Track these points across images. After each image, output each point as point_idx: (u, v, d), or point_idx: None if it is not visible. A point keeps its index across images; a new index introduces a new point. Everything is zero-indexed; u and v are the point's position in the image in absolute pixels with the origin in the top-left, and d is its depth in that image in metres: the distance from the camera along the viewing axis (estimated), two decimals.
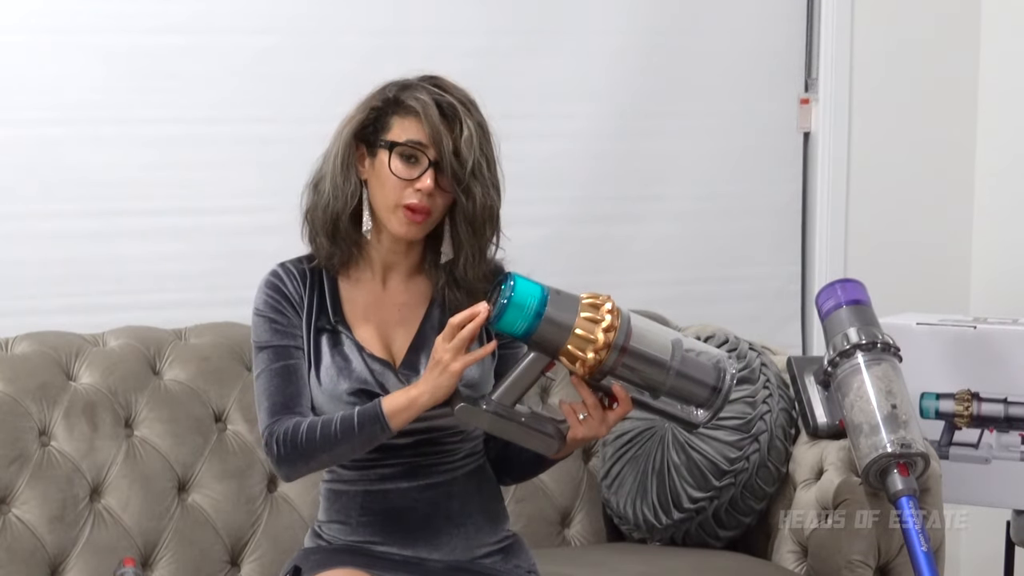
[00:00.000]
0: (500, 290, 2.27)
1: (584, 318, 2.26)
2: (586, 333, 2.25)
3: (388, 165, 2.39)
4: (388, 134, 2.41)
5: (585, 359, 2.26)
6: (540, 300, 2.26)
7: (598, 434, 2.34)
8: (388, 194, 2.40)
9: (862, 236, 4.02)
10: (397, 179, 2.39)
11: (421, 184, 2.38)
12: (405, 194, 2.39)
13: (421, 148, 2.39)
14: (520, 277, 2.28)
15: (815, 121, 3.97)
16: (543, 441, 2.33)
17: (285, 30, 3.43)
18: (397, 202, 2.40)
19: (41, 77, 3.24)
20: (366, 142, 2.44)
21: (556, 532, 3.32)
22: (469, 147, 2.40)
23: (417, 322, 2.49)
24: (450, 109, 2.40)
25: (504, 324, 2.26)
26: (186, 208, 3.37)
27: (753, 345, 3.30)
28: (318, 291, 2.48)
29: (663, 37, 3.78)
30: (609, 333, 2.25)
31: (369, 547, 2.48)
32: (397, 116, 2.41)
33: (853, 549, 3.00)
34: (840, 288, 3.08)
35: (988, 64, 4.10)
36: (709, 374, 2.32)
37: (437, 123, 2.39)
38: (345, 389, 2.42)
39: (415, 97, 2.41)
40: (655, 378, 2.30)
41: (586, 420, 2.33)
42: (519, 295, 2.25)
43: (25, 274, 3.25)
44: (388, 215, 2.41)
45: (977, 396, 3.27)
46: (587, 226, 3.71)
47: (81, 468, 3.01)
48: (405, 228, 2.41)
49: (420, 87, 2.43)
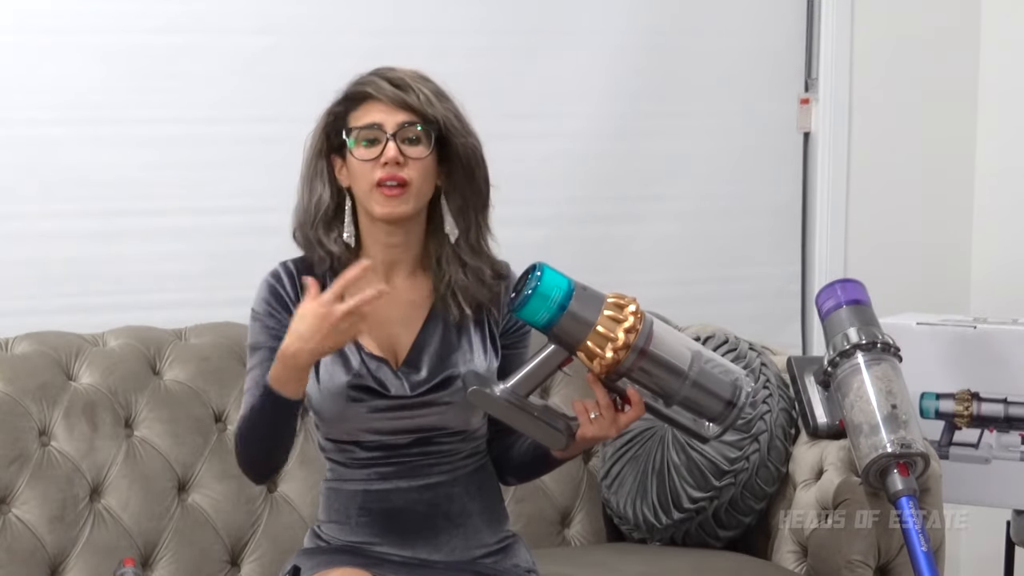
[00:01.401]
0: (527, 279, 2.28)
1: (607, 316, 2.26)
2: (607, 331, 2.25)
3: (355, 153, 2.41)
4: (347, 128, 2.44)
5: (603, 357, 2.26)
6: (565, 293, 2.26)
7: (608, 435, 2.34)
8: (361, 182, 2.42)
9: (862, 236, 4.02)
10: (363, 163, 2.41)
11: (385, 156, 2.39)
12: (374, 174, 2.40)
13: (376, 127, 2.41)
14: (549, 268, 2.29)
15: (815, 121, 3.97)
16: (552, 434, 2.33)
17: (285, 30, 3.43)
18: (370, 184, 2.41)
19: (41, 77, 3.24)
20: (337, 151, 2.46)
21: (556, 532, 3.32)
22: (431, 106, 2.42)
23: (421, 320, 2.49)
24: (400, 81, 2.43)
25: (527, 313, 2.27)
26: (186, 208, 3.37)
27: (753, 345, 3.30)
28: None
29: (663, 37, 3.78)
30: (630, 334, 2.25)
31: (368, 547, 2.48)
32: (351, 111, 2.44)
33: (853, 549, 3.00)
34: (840, 288, 3.08)
35: (988, 64, 4.10)
36: (725, 389, 2.32)
37: (391, 92, 2.41)
38: (343, 383, 2.42)
39: (362, 83, 2.44)
40: (670, 386, 2.30)
41: (597, 419, 2.33)
42: (545, 286, 2.26)
43: (25, 274, 3.25)
44: (368, 202, 2.42)
45: (977, 396, 3.27)
46: (587, 226, 3.71)
47: (81, 468, 3.01)
48: (386, 206, 2.41)
49: (367, 76, 2.46)
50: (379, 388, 2.43)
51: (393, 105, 2.41)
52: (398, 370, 2.45)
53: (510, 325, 2.52)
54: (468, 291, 2.47)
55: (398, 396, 2.44)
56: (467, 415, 2.47)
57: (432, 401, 2.45)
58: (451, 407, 2.45)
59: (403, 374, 2.45)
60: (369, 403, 2.43)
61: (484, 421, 2.53)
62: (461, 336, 2.48)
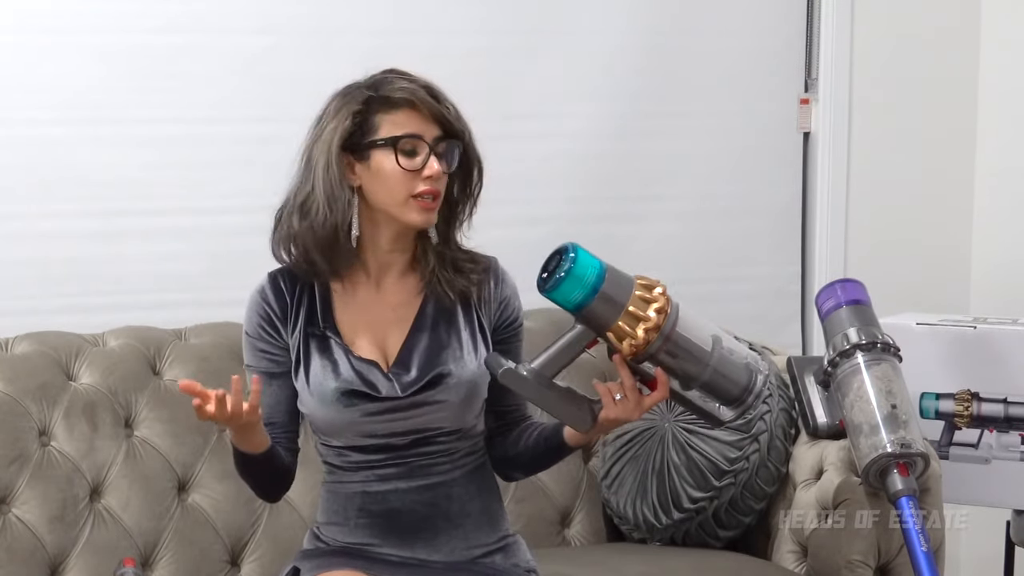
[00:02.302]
0: (560, 260, 2.27)
1: (638, 296, 2.27)
2: (638, 312, 2.25)
3: (396, 162, 2.39)
4: (378, 133, 2.40)
5: (635, 337, 2.26)
6: (599, 275, 2.26)
7: (631, 417, 2.34)
8: (395, 190, 2.40)
9: (862, 236, 4.02)
10: (404, 172, 2.39)
11: (430, 171, 2.39)
12: (414, 185, 2.39)
13: (419, 137, 2.40)
14: (582, 249, 2.28)
15: (815, 121, 3.97)
16: (578, 415, 2.33)
17: (285, 30, 3.43)
18: (408, 194, 2.40)
19: (41, 77, 3.24)
20: (351, 150, 2.43)
21: (556, 532, 3.32)
22: (458, 121, 2.43)
23: (411, 320, 2.49)
24: (436, 93, 2.43)
25: (560, 294, 2.26)
26: (186, 208, 3.37)
27: (753, 345, 3.29)
28: (308, 296, 2.48)
29: (663, 37, 3.78)
30: (660, 315, 2.26)
31: (367, 548, 2.48)
32: (382, 113, 2.41)
33: (853, 549, 3.00)
34: (840, 288, 3.08)
35: (988, 64, 4.09)
36: (742, 374, 2.33)
37: (431, 103, 2.40)
38: (332, 388, 2.42)
39: (398, 88, 2.41)
40: (692, 369, 2.31)
41: (622, 402, 2.33)
42: (580, 267, 2.26)
43: (25, 274, 3.25)
44: (400, 209, 2.41)
45: (977, 396, 3.27)
46: (587, 226, 3.71)
47: (81, 468, 3.01)
48: (425, 216, 2.41)
49: (394, 79, 2.43)
50: (370, 391, 2.43)
51: (430, 116, 2.40)
52: (389, 372, 2.45)
53: (502, 320, 2.52)
54: (451, 284, 2.47)
55: (389, 398, 2.43)
56: (462, 413, 2.47)
57: (424, 401, 2.44)
58: (444, 405, 2.45)
59: (394, 375, 2.45)
60: (361, 407, 2.43)
61: (481, 419, 2.52)
62: (451, 334, 2.48)
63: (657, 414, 3.24)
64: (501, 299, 2.52)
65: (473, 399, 2.47)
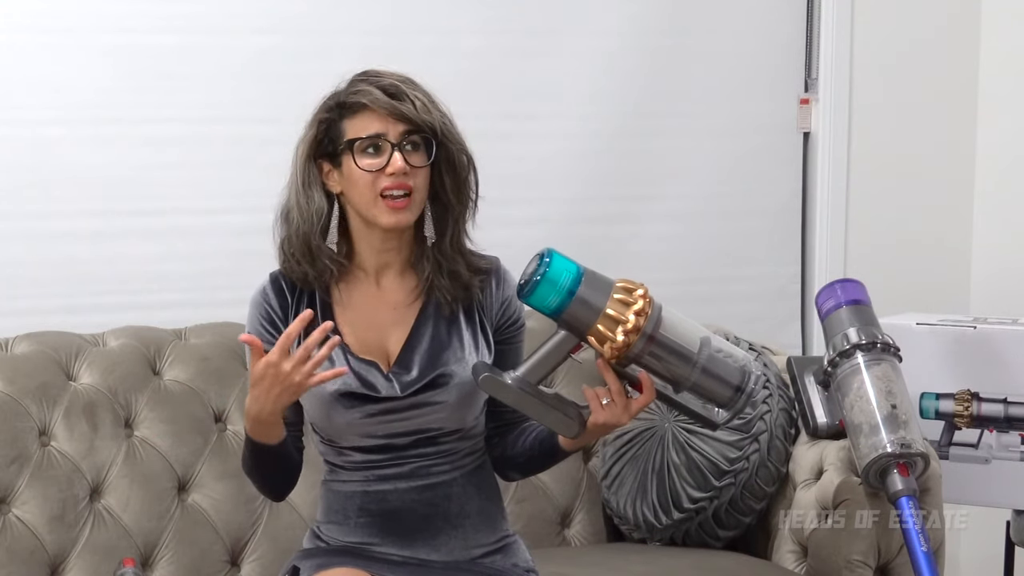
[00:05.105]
0: (536, 266, 2.28)
1: (616, 300, 2.27)
2: (617, 315, 2.25)
3: (354, 164, 2.40)
4: (344, 138, 2.42)
5: (614, 340, 2.26)
6: (574, 278, 2.26)
7: (620, 421, 2.34)
8: (363, 191, 2.41)
9: (862, 236, 4.02)
10: (366, 173, 2.40)
11: (392, 167, 2.39)
12: (378, 184, 2.40)
13: (380, 137, 2.40)
14: (557, 254, 2.29)
15: (815, 121, 3.97)
16: (564, 421, 2.33)
17: (285, 30, 3.43)
18: (375, 195, 2.40)
19: (41, 77, 3.24)
20: (327, 157, 2.44)
21: (556, 532, 3.32)
22: (427, 113, 2.41)
23: (411, 320, 2.48)
24: (393, 88, 2.42)
25: (536, 299, 2.27)
26: (186, 208, 3.37)
27: (753, 345, 3.30)
28: (308, 296, 2.48)
29: (663, 37, 3.78)
30: (640, 317, 2.26)
31: (367, 548, 2.48)
32: (346, 119, 2.42)
33: (853, 549, 3.00)
34: (840, 288, 3.08)
35: (988, 64, 4.10)
36: (734, 374, 2.33)
37: (387, 103, 2.40)
38: (331, 390, 2.42)
39: (356, 92, 2.42)
40: (680, 371, 2.30)
41: (608, 406, 2.33)
42: (554, 271, 2.26)
43: (25, 274, 3.25)
44: (372, 211, 2.41)
45: (977, 396, 3.27)
46: (587, 226, 3.71)
47: (81, 468, 3.01)
48: (393, 216, 2.41)
49: (356, 83, 2.44)
50: (369, 392, 2.43)
51: (390, 115, 2.41)
52: (389, 372, 2.45)
53: (503, 320, 2.52)
54: (447, 291, 2.47)
55: (389, 398, 2.43)
56: (462, 413, 2.47)
57: (424, 401, 2.44)
58: (444, 406, 2.45)
59: (394, 375, 2.44)
60: (361, 408, 2.43)
61: (481, 419, 2.52)
62: (452, 333, 2.48)
63: (657, 414, 3.25)
64: (503, 300, 2.52)
65: (473, 399, 2.47)
